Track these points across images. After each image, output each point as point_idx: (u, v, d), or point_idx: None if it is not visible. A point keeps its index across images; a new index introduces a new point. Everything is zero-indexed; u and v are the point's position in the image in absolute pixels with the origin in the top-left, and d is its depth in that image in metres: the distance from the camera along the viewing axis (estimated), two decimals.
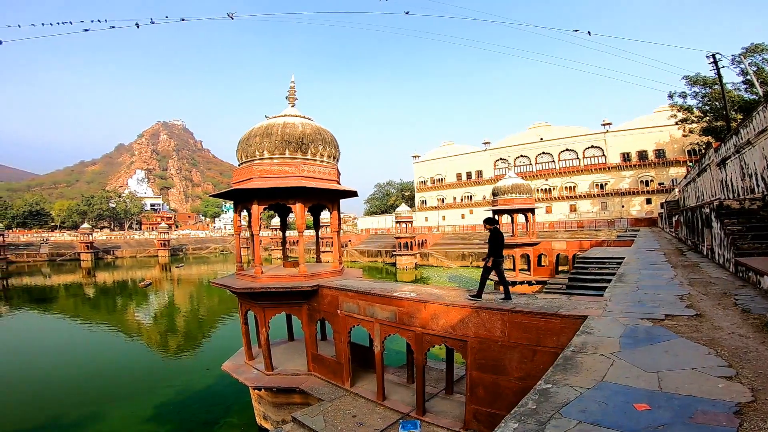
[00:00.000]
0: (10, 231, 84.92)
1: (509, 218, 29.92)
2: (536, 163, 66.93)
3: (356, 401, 9.32)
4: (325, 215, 20.38)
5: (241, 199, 11.70)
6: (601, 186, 60.95)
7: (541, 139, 66.32)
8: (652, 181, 56.96)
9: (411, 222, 54.30)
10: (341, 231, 12.88)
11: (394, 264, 54.28)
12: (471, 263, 52.18)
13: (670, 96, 38.94)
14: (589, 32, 21.00)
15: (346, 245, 68.90)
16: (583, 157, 62.64)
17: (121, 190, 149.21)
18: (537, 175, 65.98)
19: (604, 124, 61.02)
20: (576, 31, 19.97)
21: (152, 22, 14.19)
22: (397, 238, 52.99)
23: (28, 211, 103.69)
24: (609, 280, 9.88)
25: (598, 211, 60.96)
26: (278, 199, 11.12)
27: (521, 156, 68.58)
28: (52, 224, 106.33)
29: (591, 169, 61.85)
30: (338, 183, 12.09)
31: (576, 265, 17.89)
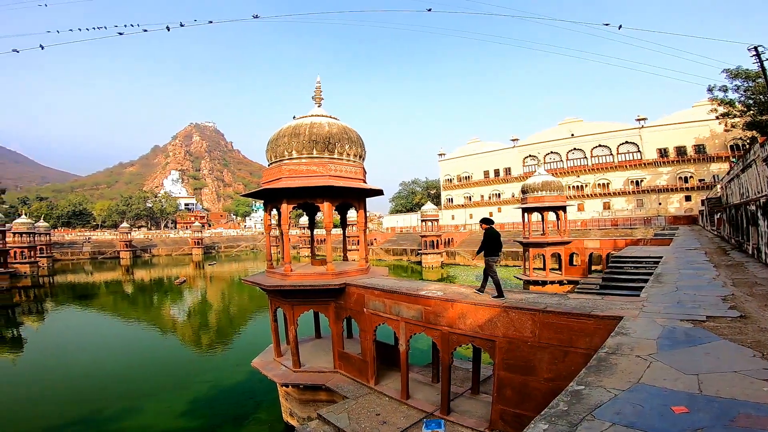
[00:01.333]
0: (56, 230, 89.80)
1: (539, 216, 29.22)
2: (567, 160, 65.06)
3: (380, 399, 9.36)
4: (351, 214, 20.56)
5: (271, 198, 11.94)
6: (637, 183, 58.63)
7: (572, 135, 64.40)
8: (691, 177, 54.37)
9: (437, 220, 53.94)
10: (367, 229, 12.95)
11: (419, 262, 54.08)
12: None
13: (710, 90, 37.04)
14: (620, 26, 20.22)
15: (372, 244, 69.20)
16: (617, 153, 60.40)
17: (157, 190, 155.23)
18: (568, 172, 64.14)
19: (638, 120, 58.65)
20: (606, 25, 19.26)
21: (182, 25, 14.70)
22: (422, 236, 52.76)
23: (72, 211, 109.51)
24: (646, 280, 9.51)
25: (633, 208, 58.69)
26: (306, 198, 11.30)
27: (551, 152, 66.81)
28: (94, 223, 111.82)
29: (626, 166, 59.57)
30: (364, 182, 12.16)
31: (610, 265, 17.33)
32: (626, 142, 59.70)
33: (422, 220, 53.85)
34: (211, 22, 14.70)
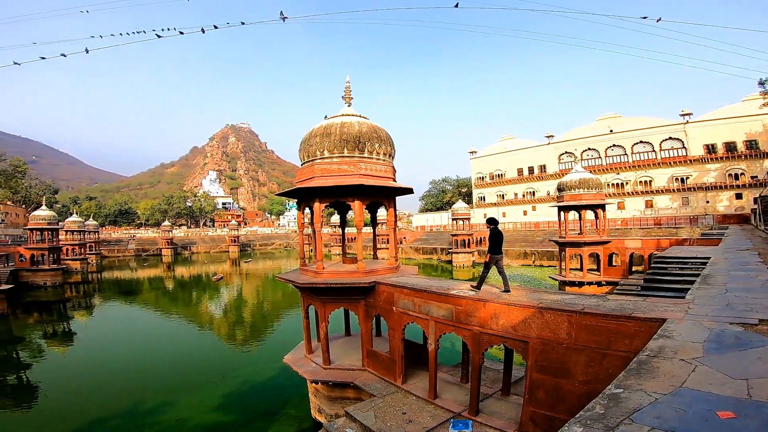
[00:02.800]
0: (104, 228, 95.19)
1: (576, 215, 28.25)
2: (606, 157, 62.59)
3: (407, 398, 9.32)
4: (381, 212, 20.61)
5: (304, 197, 12.15)
6: (682, 180, 55.67)
7: (611, 131, 61.88)
8: (742, 174, 51.07)
9: (468, 219, 53.21)
10: (397, 228, 12.96)
11: (450, 261, 53.55)
12: (534, 262, 50.08)
13: (761, 83, 34.78)
14: (658, 19, 19.18)
15: (401, 242, 69.14)
16: (660, 150, 57.56)
17: (197, 189, 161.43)
18: (607, 169, 61.72)
19: (683, 115, 55.62)
20: (644, 18, 18.31)
21: (215, 27, 15.20)
22: (453, 235, 52.20)
23: (118, 210, 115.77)
24: (692, 282, 9.01)
25: (678, 207, 55.77)
26: (338, 197, 11.43)
27: (589, 149, 64.49)
28: (138, 222, 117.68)
29: (669, 162, 56.68)
30: (394, 180, 12.17)
31: (653, 266, 16.53)
32: (670, 138, 56.84)
33: (453, 219, 53.27)
34: (243, 23, 15.14)
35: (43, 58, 13.69)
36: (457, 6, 15.92)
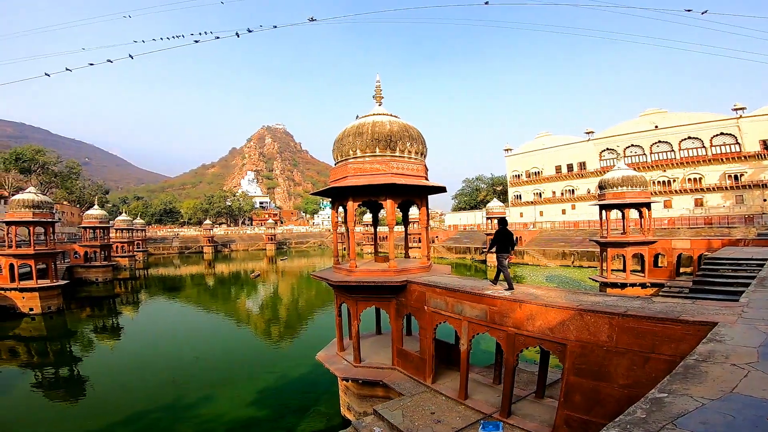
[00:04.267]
0: (150, 227, 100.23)
1: (619, 214, 27.05)
2: (651, 153, 59.45)
3: (436, 398, 9.21)
4: (413, 211, 20.53)
5: (338, 196, 12.30)
6: (736, 177, 52.03)
7: (656, 126, 58.73)
8: None
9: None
10: (429, 227, 12.87)
11: (484, 261, 52.63)
12: (572, 263, 48.37)
13: None
14: (704, 11, 18.01)
15: (433, 241, 68.68)
16: (711, 146, 54.08)
17: (236, 189, 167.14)
18: (652, 166, 58.65)
19: (735, 109, 51.94)
20: (689, 11, 17.24)
21: (249, 31, 15.65)
22: (487, 234, 51.24)
23: (163, 209, 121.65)
24: (746, 284, 8.44)
25: (731, 205, 52.17)
26: (370, 196, 11.48)
27: (632, 146, 61.49)
28: (181, 221, 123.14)
29: (721, 159, 53.12)
30: (426, 179, 12.09)
31: (703, 267, 15.61)
32: (721, 134, 53.32)
33: (487, 218, 52.30)
34: (275, 26, 15.52)
35: (91, 64, 14.59)
36: (487, 3, 15.62)
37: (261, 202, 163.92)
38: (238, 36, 16.02)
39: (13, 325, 25.01)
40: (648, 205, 25.28)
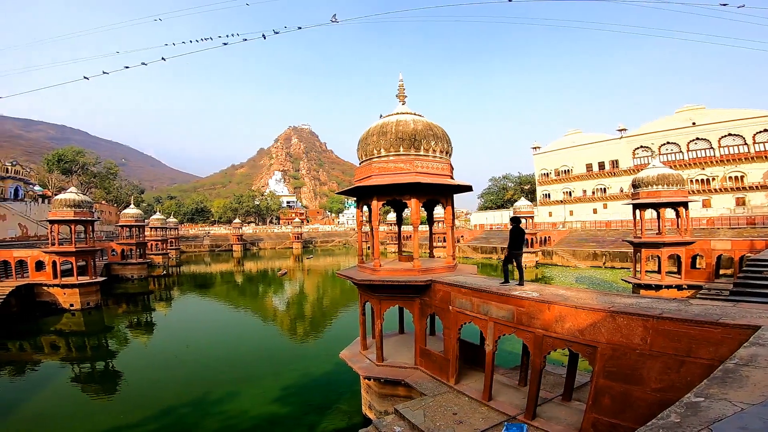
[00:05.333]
0: (182, 225, 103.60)
1: (654, 213, 26.01)
2: (688, 151, 56.94)
3: (459, 399, 9.10)
4: (438, 210, 20.33)
5: (363, 195, 12.36)
6: None
7: (694, 123, 56.20)
8: None
9: (532, 217, 50.95)
10: (454, 226, 12.74)
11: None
12: (604, 263, 46.87)
13: None
14: (741, 5, 17.05)
15: (459, 241, 67.96)
16: (754, 143, 51.33)
17: (263, 189, 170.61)
18: (689, 164, 56.17)
19: None
20: (724, 5, 16.35)
21: (276, 32, 15.91)
22: None
23: (195, 208, 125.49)
24: None
25: None
26: (395, 195, 11.47)
27: (668, 143, 59.06)
28: (212, 219, 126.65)
29: (765, 156, 50.36)
30: (451, 178, 11.97)
31: (745, 269, 14.83)
32: (765, 130, 50.57)
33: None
34: (300, 27, 15.71)
35: (126, 67, 15.17)
36: (511, 0, 15.32)
37: (288, 202, 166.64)
38: (265, 38, 16.32)
39: (54, 320, 26.28)
40: (685, 205, 24.22)
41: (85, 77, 15.35)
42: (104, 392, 16.05)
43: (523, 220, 49.94)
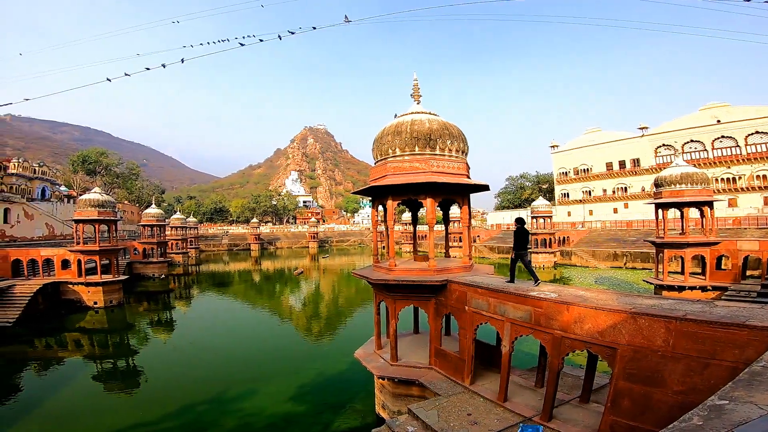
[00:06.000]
0: (202, 225, 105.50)
1: (678, 213, 25.33)
2: (713, 149, 55.29)
3: (474, 399, 9.01)
4: (454, 210, 20.24)
5: (378, 195, 12.36)
6: None
7: (718, 121, 54.55)
8: None
9: (550, 217, 50.12)
10: (471, 226, 12.63)
11: (528, 262, 50.96)
12: (625, 264, 45.86)
13: None
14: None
15: (475, 241, 67.39)
16: None
17: (280, 189, 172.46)
18: (714, 163, 54.54)
19: None
20: (748, 0, 15.70)
21: (291, 33, 16.03)
22: (532, 234, 49.61)
23: (214, 208, 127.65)
24: None
25: None
26: (410, 195, 11.42)
27: (691, 141, 57.46)
28: (230, 219, 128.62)
29: None
30: (468, 177, 11.86)
31: None
32: None
33: (532, 217, 50.63)
34: (314, 28, 15.78)
35: (147, 68, 15.48)
36: None
37: (304, 201, 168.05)
38: (280, 38, 16.47)
39: (79, 318, 27.05)
40: (710, 204, 23.51)
41: (107, 79, 15.74)
42: (125, 389, 16.41)
43: (541, 220, 49.34)
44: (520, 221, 10.33)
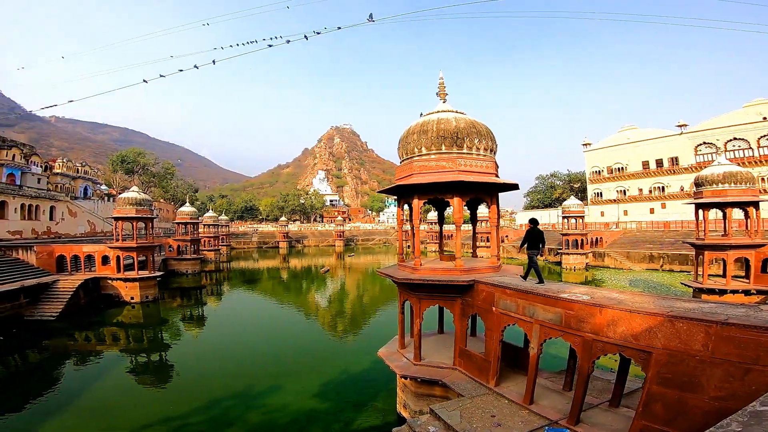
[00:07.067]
0: (233, 223, 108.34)
1: (720, 214, 24.11)
2: (759, 147, 52.29)
3: (498, 401, 8.85)
4: (481, 210, 19.94)
5: (403, 194, 12.33)
6: None
7: (765, 118, 51.50)
8: None
9: (582, 217, 48.63)
10: (499, 225, 12.40)
11: (558, 263, 49.74)
12: (661, 266, 43.99)
13: None
14: None
15: (503, 241, 66.27)
16: None
17: (308, 188, 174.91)
18: (760, 161, 51.59)
19: None
20: None
21: (317, 33, 16.24)
22: (563, 234, 48.33)
23: (244, 206, 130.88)
24: None
25: None
26: (437, 194, 11.36)
27: (734, 139, 54.53)
28: (260, 217, 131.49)
29: None
30: (496, 176, 11.67)
31: None
32: None
33: (564, 217, 49.31)
34: (339, 28, 15.96)
35: (181, 70, 16.07)
36: None
37: (331, 200, 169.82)
38: (306, 38, 16.75)
39: (116, 313, 28.16)
40: (756, 204, 22.27)
41: (144, 80, 16.44)
42: (157, 383, 16.98)
43: (573, 220, 48.00)
44: (533, 222, 10.71)
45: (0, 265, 27.17)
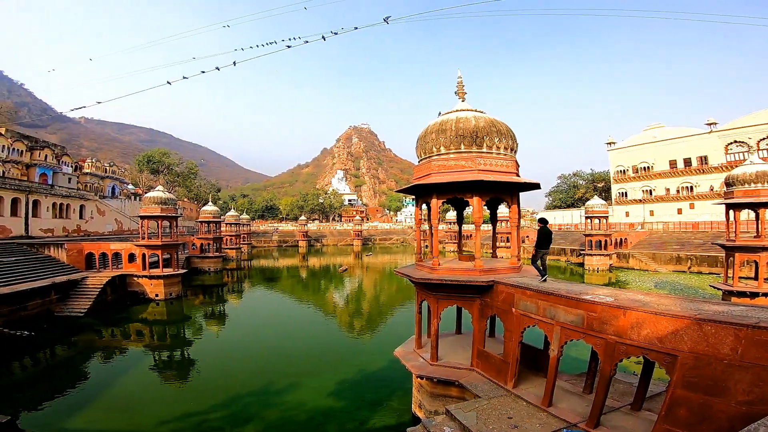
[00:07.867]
0: (254, 222, 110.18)
1: (752, 214, 23.19)
2: None
3: (516, 403, 8.73)
4: (501, 209, 19.71)
5: (422, 193, 12.29)
6: None
7: None
8: None
9: (606, 217, 47.47)
10: (520, 226, 12.24)
11: (581, 264, 48.72)
12: (689, 268, 42.58)
13: None
14: None
15: (524, 241, 65.28)
16: None
17: (327, 187, 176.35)
18: None
19: None
20: None
21: (334, 33, 16.36)
22: (586, 235, 47.31)
23: (265, 206, 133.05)
24: None
25: None
26: (456, 193, 11.27)
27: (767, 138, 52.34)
28: (280, 216, 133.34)
29: None
30: (517, 175, 11.52)
31: None
32: None
33: (587, 217, 48.26)
34: (356, 28, 16.04)
35: (203, 71, 16.42)
36: None
37: (349, 200, 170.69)
38: (324, 39, 16.85)
39: (141, 309, 28.78)
40: None
41: (168, 82, 16.86)
42: (179, 379, 17.27)
43: (596, 221, 46.94)
44: (543, 221, 11.09)
45: (32, 262, 28.21)
